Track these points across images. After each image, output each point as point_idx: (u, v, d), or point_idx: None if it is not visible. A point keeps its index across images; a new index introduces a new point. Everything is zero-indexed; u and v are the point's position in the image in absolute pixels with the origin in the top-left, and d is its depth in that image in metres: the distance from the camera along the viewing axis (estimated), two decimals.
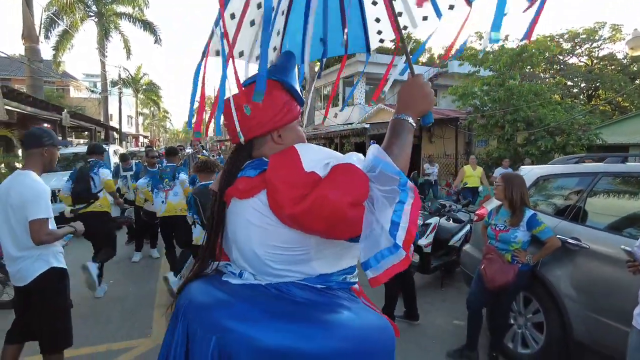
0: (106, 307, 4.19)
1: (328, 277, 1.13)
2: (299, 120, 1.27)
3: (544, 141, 10.42)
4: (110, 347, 3.37)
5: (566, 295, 2.74)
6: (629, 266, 2.08)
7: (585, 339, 2.62)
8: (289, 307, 1.05)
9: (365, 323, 1.09)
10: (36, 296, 2.43)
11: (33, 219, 2.30)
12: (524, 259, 2.85)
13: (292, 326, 1.00)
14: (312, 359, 0.98)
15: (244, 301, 1.06)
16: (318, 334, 1.00)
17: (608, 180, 2.89)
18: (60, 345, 2.51)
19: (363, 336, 1.06)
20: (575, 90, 24.16)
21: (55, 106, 12.08)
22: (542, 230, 2.79)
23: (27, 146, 2.53)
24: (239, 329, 0.99)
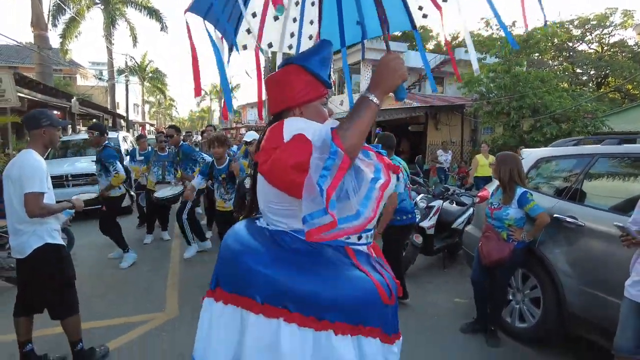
0: (122, 285, 4.38)
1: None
2: (322, 100, 1.45)
3: (549, 128, 10.42)
4: (128, 320, 3.56)
5: (562, 271, 2.86)
6: (622, 240, 2.19)
7: (579, 312, 2.75)
8: (280, 253, 1.32)
9: (326, 276, 1.29)
10: (32, 270, 2.61)
11: (27, 192, 2.46)
12: (519, 237, 2.97)
13: (282, 270, 1.29)
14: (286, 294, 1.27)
15: (257, 244, 1.36)
16: (287, 276, 1.28)
17: (605, 162, 2.99)
18: (63, 314, 2.68)
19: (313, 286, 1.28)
20: (584, 77, 23.86)
21: (64, 93, 12.25)
22: (532, 207, 2.90)
23: (28, 127, 2.71)
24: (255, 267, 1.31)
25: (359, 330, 1.30)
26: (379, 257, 1.50)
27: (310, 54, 1.45)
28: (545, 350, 3.08)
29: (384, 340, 1.35)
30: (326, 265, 1.32)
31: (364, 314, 1.30)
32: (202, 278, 4.56)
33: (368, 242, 1.43)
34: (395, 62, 1.24)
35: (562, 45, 21.99)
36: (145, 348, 3.08)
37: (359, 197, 1.25)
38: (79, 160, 8.32)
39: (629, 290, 2.18)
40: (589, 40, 23.91)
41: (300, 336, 1.25)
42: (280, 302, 1.26)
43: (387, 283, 1.36)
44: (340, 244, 1.35)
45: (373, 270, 1.38)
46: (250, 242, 1.38)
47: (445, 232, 5.14)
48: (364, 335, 1.30)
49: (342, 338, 1.27)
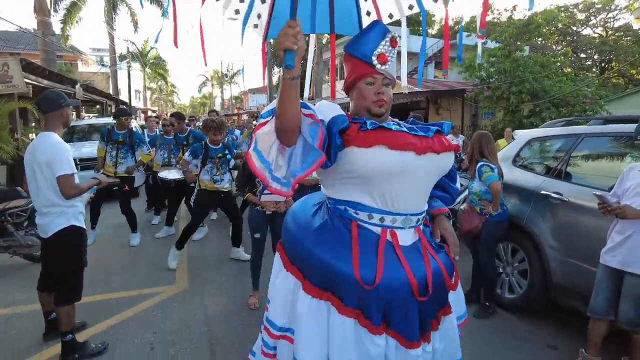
0: (134, 262, 4.62)
1: (331, 201, 1.50)
2: (365, 79, 1.46)
3: (548, 113, 10.52)
4: (141, 292, 3.79)
5: (547, 243, 3.06)
6: (600, 208, 2.37)
7: (562, 281, 2.96)
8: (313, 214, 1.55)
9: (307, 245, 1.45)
10: (52, 249, 2.67)
11: (60, 175, 2.50)
12: (489, 210, 3.19)
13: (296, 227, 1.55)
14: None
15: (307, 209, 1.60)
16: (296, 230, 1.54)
17: (590, 141, 3.15)
18: (70, 298, 2.69)
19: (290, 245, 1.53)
20: (588, 62, 23.74)
21: (69, 79, 12.35)
22: (485, 177, 3.13)
23: (46, 110, 2.66)
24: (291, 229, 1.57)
25: (327, 296, 1.35)
26: (421, 247, 1.43)
27: (356, 37, 1.51)
28: (529, 317, 3.30)
29: (362, 324, 1.33)
30: (323, 229, 1.44)
31: (335, 285, 1.34)
32: (210, 256, 4.80)
33: (385, 225, 1.39)
34: (285, 29, 1.21)
35: (565, 29, 21.85)
36: (158, 316, 3.31)
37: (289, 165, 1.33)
38: (84, 145, 8.51)
39: (604, 257, 2.38)
40: (594, 24, 23.70)
41: (287, 279, 1.48)
42: (295, 259, 1.50)
43: (379, 270, 1.32)
44: (348, 217, 1.42)
45: (372, 253, 1.35)
46: (301, 212, 1.61)
47: None
48: (333, 305, 1.34)
49: (304, 295, 1.38)
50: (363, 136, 1.34)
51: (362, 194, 1.40)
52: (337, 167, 1.38)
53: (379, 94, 1.44)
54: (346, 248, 1.38)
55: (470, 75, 12.86)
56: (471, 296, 3.55)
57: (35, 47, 15.20)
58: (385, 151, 1.32)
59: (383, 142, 1.32)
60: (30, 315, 3.27)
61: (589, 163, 3.20)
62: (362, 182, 1.38)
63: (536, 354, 2.84)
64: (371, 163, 1.33)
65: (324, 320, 1.36)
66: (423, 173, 1.39)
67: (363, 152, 1.33)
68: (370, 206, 1.40)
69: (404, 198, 1.39)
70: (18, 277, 4.02)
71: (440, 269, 1.43)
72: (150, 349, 2.83)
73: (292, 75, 1.22)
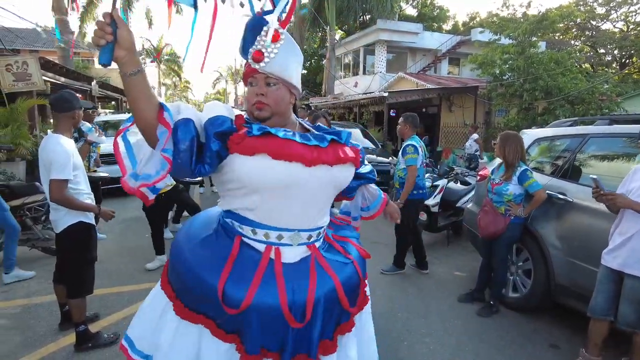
0: (146, 255, 4.75)
1: (222, 212, 1.39)
2: (248, 80, 1.32)
3: (562, 110, 10.34)
4: (152, 285, 3.87)
5: (551, 244, 3.07)
6: (593, 193, 2.38)
7: (564, 281, 2.96)
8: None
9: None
10: (62, 245, 2.75)
11: (52, 179, 2.54)
12: (516, 212, 3.17)
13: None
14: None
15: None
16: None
17: (596, 141, 3.13)
18: (80, 292, 2.75)
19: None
20: (607, 58, 23.15)
21: (85, 76, 12.63)
22: (531, 184, 3.09)
23: (60, 110, 2.69)
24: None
25: (200, 319, 1.23)
26: (320, 267, 1.32)
27: (242, 37, 1.34)
28: (532, 317, 3.31)
29: (239, 351, 1.21)
30: (205, 243, 1.32)
31: (207, 304, 1.22)
32: None
33: (269, 241, 1.28)
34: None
35: (584, 24, 21.33)
36: None
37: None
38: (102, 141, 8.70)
39: (605, 257, 2.39)
40: (614, 18, 23.07)
41: (157, 298, 1.36)
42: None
43: (250, 292, 1.19)
44: (234, 231, 1.32)
45: (248, 272, 1.23)
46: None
47: (450, 211, 5.35)
48: (206, 327, 1.23)
49: (174, 316, 1.26)
50: (247, 143, 1.19)
51: (246, 206, 1.27)
52: (220, 177, 1.26)
53: (258, 95, 1.27)
54: (220, 263, 1.24)
55: (483, 72, 12.69)
56: (477, 295, 3.58)
57: (53, 45, 15.56)
58: (268, 161, 1.19)
59: (265, 150, 1.18)
60: (47, 306, 3.41)
61: (594, 163, 3.18)
62: (246, 193, 1.24)
63: (538, 353, 2.86)
64: (253, 173, 1.19)
65: (192, 348, 1.22)
66: (314, 187, 1.26)
67: (245, 161, 1.19)
68: (254, 220, 1.27)
69: (292, 212, 1.27)
70: (36, 269, 4.18)
71: (333, 287, 1.30)
72: None
73: (127, 70, 1.09)
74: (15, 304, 3.49)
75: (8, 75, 8.05)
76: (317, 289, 1.26)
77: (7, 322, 3.19)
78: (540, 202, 3.08)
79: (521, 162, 3.19)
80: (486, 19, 22.58)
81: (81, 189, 2.75)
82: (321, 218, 1.36)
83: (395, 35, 19.13)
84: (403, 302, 3.58)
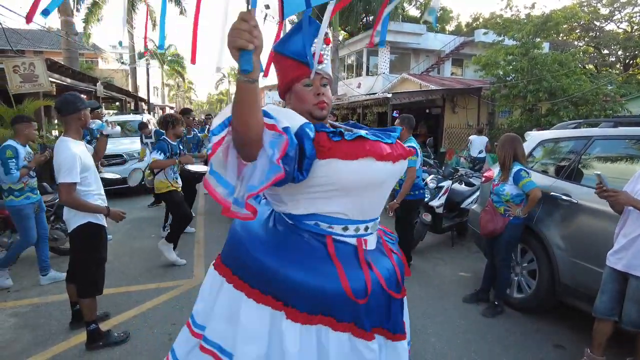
0: (153, 256, 4.80)
1: (292, 217, 1.35)
2: (303, 81, 1.34)
3: (566, 111, 10.34)
4: (159, 285, 3.96)
5: (556, 244, 3.09)
6: (596, 189, 2.39)
7: (569, 282, 2.99)
8: (265, 232, 1.38)
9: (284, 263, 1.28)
10: (73, 244, 2.83)
11: (59, 182, 2.59)
12: (514, 212, 3.21)
13: (254, 245, 1.35)
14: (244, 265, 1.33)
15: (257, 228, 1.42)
16: (253, 248, 1.33)
17: (600, 143, 3.16)
18: (89, 292, 2.80)
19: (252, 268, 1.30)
20: (611, 58, 23.09)
21: (90, 77, 12.71)
22: (525, 183, 3.13)
23: (65, 113, 2.70)
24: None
25: (318, 319, 1.25)
26: (382, 248, 1.45)
27: (288, 36, 1.38)
28: (537, 317, 3.34)
29: (357, 335, 1.29)
30: (295, 249, 1.31)
31: (324, 305, 1.26)
32: None
33: (359, 234, 1.36)
34: (235, 22, 0.97)
35: (588, 25, 21.30)
36: (176, 308, 3.47)
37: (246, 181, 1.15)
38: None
39: (609, 259, 2.42)
40: (618, 19, 23.01)
41: (258, 313, 1.26)
42: (245, 275, 1.30)
43: (367, 281, 1.29)
44: (321, 232, 1.32)
45: (354, 266, 1.32)
46: (253, 225, 1.40)
47: (454, 212, 5.37)
48: (324, 324, 1.26)
49: (290, 324, 1.24)
50: (344, 147, 1.24)
51: (337, 206, 1.31)
52: (307, 181, 1.25)
53: (319, 95, 1.33)
54: (326, 265, 1.29)
55: (486, 73, 12.70)
56: (481, 295, 3.61)
57: (58, 46, 15.67)
58: (372, 163, 1.26)
59: (371, 154, 1.26)
60: (57, 305, 3.47)
61: (599, 165, 3.20)
62: (340, 194, 1.28)
63: (543, 353, 2.89)
64: (356, 175, 1.25)
65: (314, 345, 1.26)
66: (393, 180, 1.40)
67: (347, 165, 1.23)
68: (345, 218, 1.33)
69: (377, 205, 1.38)
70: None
71: (401, 261, 1.48)
72: (168, 339, 2.97)
73: (251, 77, 0.99)
74: (26, 303, 3.56)
75: (15, 76, 8.12)
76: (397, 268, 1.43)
77: (19, 320, 3.25)
78: (536, 201, 3.11)
79: (517, 162, 3.23)
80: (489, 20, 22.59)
81: (92, 189, 2.79)
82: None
83: (399, 36, 19.17)
84: (408, 303, 3.56)
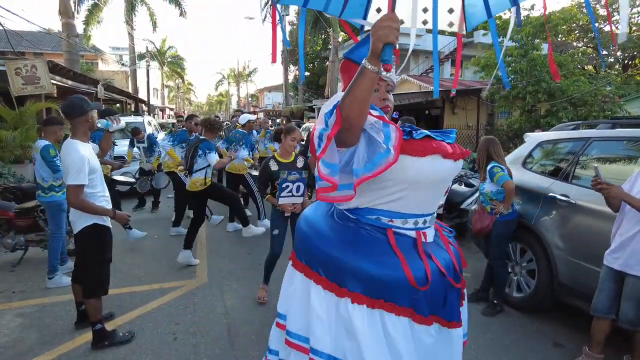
0: (156, 256, 4.85)
1: (354, 210, 1.50)
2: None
3: (564, 112, 10.40)
4: (163, 285, 4.00)
5: (554, 244, 3.14)
6: (592, 181, 2.45)
7: (567, 281, 3.03)
8: (328, 225, 1.57)
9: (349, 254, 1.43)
10: (78, 245, 2.87)
11: (68, 184, 2.64)
12: (499, 209, 3.29)
13: (320, 237, 1.54)
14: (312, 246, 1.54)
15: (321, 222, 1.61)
16: (320, 240, 1.53)
17: (598, 144, 3.21)
18: (95, 292, 2.83)
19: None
20: (610, 59, 23.17)
21: (91, 79, 12.76)
22: (498, 178, 3.22)
23: (72, 115, 2.75)
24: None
25: (380, 304, 1.38)
26: (441, 241, 1.56)
27: (358, 44, 1.48)
28: (536, 316, 3.38)
29: (416, 320, 1.41)
30: (359, 240, 1.45)
31: (387, 292, 1.38)
32: (228, 250, 5.00)
33: (418, 227, 1.47)
34: (379, 22, 1.14)
35: (587, 26, 21.36)
36: (179, 308, 3.51)
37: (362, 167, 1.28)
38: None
39: (607, 258, 2.46)
40: (616, 20, 23.07)
41: (325, 298, 1.42)
42: (314, 265, 1.48)
43: (427, 270, 1.41)
44: (382, 225, 1.45)
45: (414, 256, 1.43)
46: (317, 220, 1.60)
47: (454, 213, 5.41)
48: (386, 310, 1.38)
49: (357, 306, 1.37)
50: (414, 145, 1.37)
51: (399, 201, 1.42)
52: (379, 176, 1.33)
53: (384, 100, 1.45)
54: (388, 256, 1.41)
55: (486, 74, 12.77)
56: (481, 294, 3.65)
57: (59, 48, 15.72)
58: (439, 160, 1.40)
59: (438, 152, 1.39)
60: (62, 305, 3.51)
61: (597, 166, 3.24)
62: (405, 189, 1.39)
63: (543, 351, 2.93)
64: (425, 171, 1.38)
65: (379, 327, 1.38)
66: (452, 177, 1.54)
67: (417, 161, 1.36)
68: (406, 212, 1.45)
69: (435, 200, 1.50)
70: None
71: (458, 253, 1.58)
72: (173, 339, 3.02)
73: (378, 68, 1.16)
74: (32, 303, 3.59)
75: (17, 79, 8.18)
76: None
77: (25, 320, 3.28)
78: (511, 192, 3.19)
79: (493, 161, 3.31)
80: None
81: (98, 191, 2.83)
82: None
83: (401, 37, 19.18)
84: None
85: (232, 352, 2.87)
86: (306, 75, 27.98)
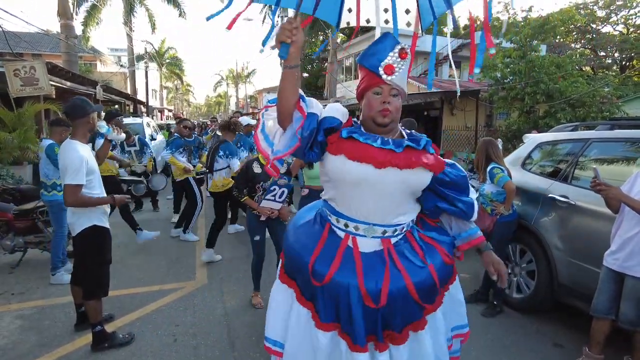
0: (155, 258, 4.84)
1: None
2: (373, 89, 1.47)
3: (563, 113, 10.42)
4: (162, 287, 3.99)
5: (554, 245, 3.15)
6: (591, 181, 2.45)
7: (567, 282, 3.04)
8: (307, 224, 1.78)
9: None
10: (77, 247, 2.86)
11: (65, 184, 2.63)
12: (500, 210, 3.29)
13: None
14: None
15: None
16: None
17: (597, 146, 3.22)
18: (95, 294, 2.83)
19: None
20: (608, 61, 23.24)
21: (90, 80, 12.74)
22: (498, 179, 3.23)
23: (74, 117, 2.76)
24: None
25: (292, 285, 1.58)
26: (401, 262, 1.48)
27: (368, 48, 1.51)
28: (536, 317, 3.39)
29: (312, 317, 1.50)
30: (308, 223, 1.66)
31: (297, 273, 1.57)
32: (227, 253, 4.99)
33: (348, 230, 1.51)
34: (281, 25, 1.37)
35: (585, 27, 21.43)
36: (179, 310, 3.51)
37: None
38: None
39: (606, 259, 2.47)
40: (614, 21, 23.14)
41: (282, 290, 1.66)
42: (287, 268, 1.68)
43: (331, 270, 1.45)
44: (326, 218, 1.61)
45: (331, 254, 1.48)
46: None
47: None
48: (290, 287, 1.59)
49: (278, 282, 1.65)
50: (337, 143, 1.46)
51: (332, 197, 1.56)
52: (321, 169, 1.57)
53: (384, 103, 1.45)
54: (312, 241, 1.55)
55: (484, 75, 12.78)
56: (480, 295, 3.66)
57: (58, 49, 15.69)
58: (345, 161, 1.43)
59: (344, 152, 1.43)
60: (62, 307, 3.50)
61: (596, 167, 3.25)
62: (332, 186, 1.53)
63: (542, 352, 2.93)
64: (335, 170, 1.47)
65: (288, 307, 1.57)
66: (387, 187, 1.43)
67: (330, 159, 1.48)
68: (338, 210, 1.54)
69: (366, 208, 1.47)
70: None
71: (405, 285, 1.43)
72: (173, 341, 3.01)
73: (287, 64, 1.38)
74: (31, 305, 3.58)
75: (16, 80, 8.15)
76: (390, 281, 1.42)
77: (24, 322, 3.27)
78: (512, 193, 3.20)
79: (492, 162, 3.32)
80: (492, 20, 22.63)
81: (95, 193, 2.83)
82: (396, 217, 1.50)
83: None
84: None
85: (232, 353, 2.86)
86: (305, 76, 27.97)
